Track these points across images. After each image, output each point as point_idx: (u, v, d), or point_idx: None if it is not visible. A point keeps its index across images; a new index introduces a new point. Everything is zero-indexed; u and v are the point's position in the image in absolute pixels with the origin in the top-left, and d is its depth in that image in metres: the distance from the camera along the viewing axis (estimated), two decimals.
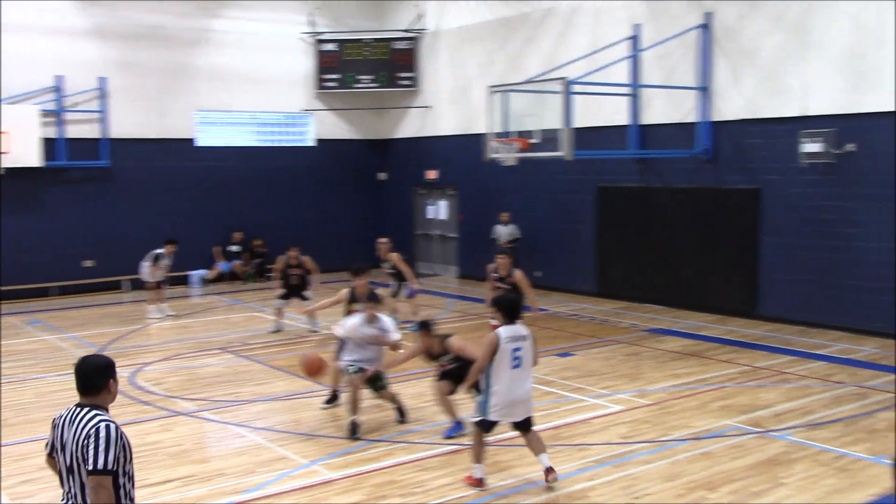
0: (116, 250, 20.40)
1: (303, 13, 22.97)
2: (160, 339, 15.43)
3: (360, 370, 9.75)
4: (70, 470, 4.61)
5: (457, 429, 9.45)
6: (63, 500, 4.69)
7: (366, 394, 10.00)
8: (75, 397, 4.81)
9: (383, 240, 16.13)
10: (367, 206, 24.45)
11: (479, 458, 8.03)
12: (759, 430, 9.43)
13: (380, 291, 15.54)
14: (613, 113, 18.00)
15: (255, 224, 22.53)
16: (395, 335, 9.94)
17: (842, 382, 11.49)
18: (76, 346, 14.70)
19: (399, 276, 15.83)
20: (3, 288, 19.31)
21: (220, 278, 22.10)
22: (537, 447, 8.07)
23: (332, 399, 10.66)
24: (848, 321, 14.58)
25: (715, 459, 8.58)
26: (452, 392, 9.45)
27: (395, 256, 15.69)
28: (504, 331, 7.80)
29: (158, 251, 17.26)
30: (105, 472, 4.46)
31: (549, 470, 7.91)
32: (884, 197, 14.03)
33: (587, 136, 17.50)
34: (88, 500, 4.51)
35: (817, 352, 13.33)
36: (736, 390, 11.15)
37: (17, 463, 8.80)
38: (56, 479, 4.79)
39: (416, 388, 11.54)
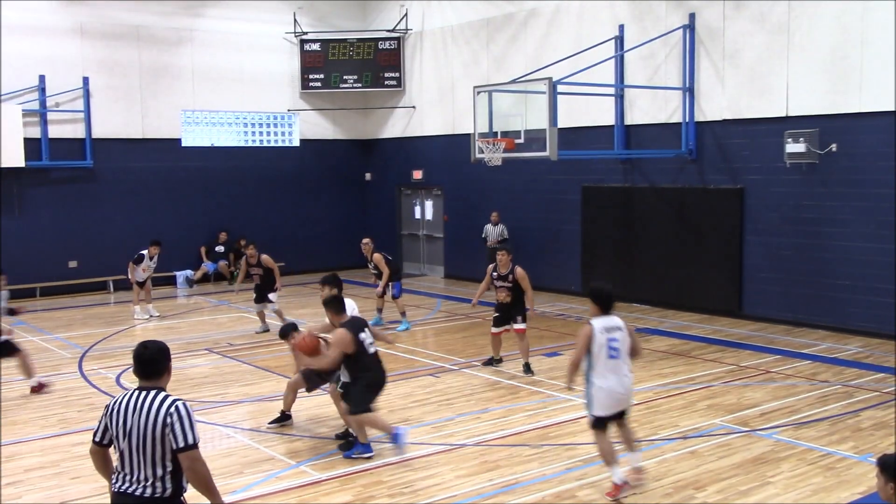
0: (101, 251, 20.30)
1: (287, 13, 22.91)
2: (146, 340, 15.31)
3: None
4: (141, 452, 4.76)
5: (361, 449, 8.87)
6: (122, 484, 4.82)
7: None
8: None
9: (366, 240, 16.09)
10: (353, 206, 24.43)
11: (611, 459, 7.67)
12: (746, 429, 9.48)
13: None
14: (598, 113, 18.05)
15: (241, 224, 22.47)
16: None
17: (827, 381, 11.57)
18: (61, 346, 14.62)
19: (383, 278, 15.76)
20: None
21: (205, 279, 22.02)
22: (630, 443, 7.97)
23: (282, 419, 10.04)
24: (832, 320, 14.68)
25: (702, 458, 8.62)
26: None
27: (377, 257, 15.66)
28: (598, 322, 7.67)
29: (142, 252, 17.18)
30: (196, 446, 4.77)
31: (637, 470, 7.83)
32: (866, 196, 14.14)
33: (572, 136, 17.57)
34: (188, 476, 4.78)
35: (803, 351, 13.42)
36: (722, 389, 11.21)
37: (3, 465, 8.73)
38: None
39: (404, 389, 11.54)
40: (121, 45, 20.75)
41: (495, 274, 12.28)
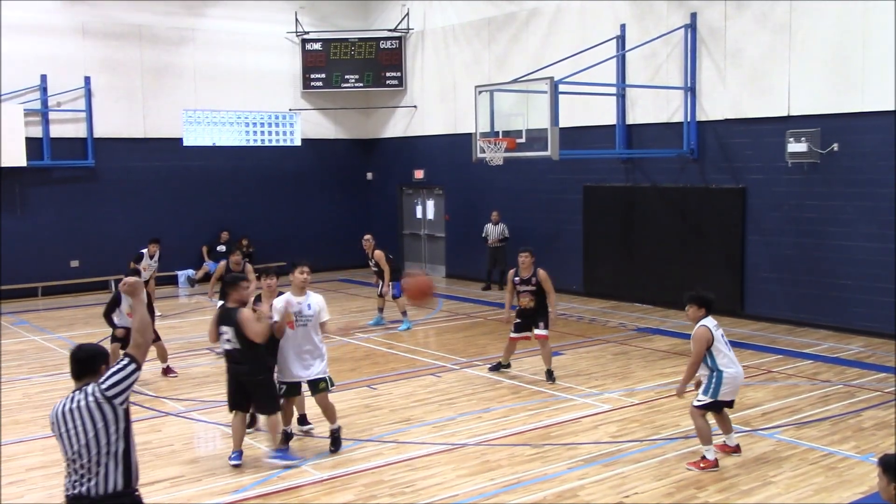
0: (102, 250, 20.29)
1: (288, 12, 22.91)
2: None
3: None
4: (84, 445, 4.78)
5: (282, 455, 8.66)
6: (74, 489, 4.85)
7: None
8: (62, 397, 4.84)
9: (367, 236, 16.03)
10: (354, 206, 24.42)
11: (709, 439, 8.32)
12: (748, 429, 9.47)
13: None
14: (600, 113, 18.04)
15: (242, 223, 22.45)
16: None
17: (829, 381, 11.56)
18: (64, 346, 14.61)
19: (384, 275, 15.73)
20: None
21: (207, 278, 21.98)
22: (728, 426, 8.63)
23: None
24: (834, 320, 14.67)
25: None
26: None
27: (378, 254, 15.62)
28: (709, 321, 8.38)
29: (141, 251, 17.15)
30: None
31: (737, 447, 8.61)
32: (868, 196, 14.13)
33: (574, 136, 17.55)
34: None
35: (804, 350, 13.41)
36: None
37: (4, 464, 8.74)
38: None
39: (405, 388, 11.55)
40: (122, 45, 20.75)
41: (517, 279, 11.74)
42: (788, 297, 15.34)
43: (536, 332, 11.75)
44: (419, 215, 23.66)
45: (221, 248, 22.02)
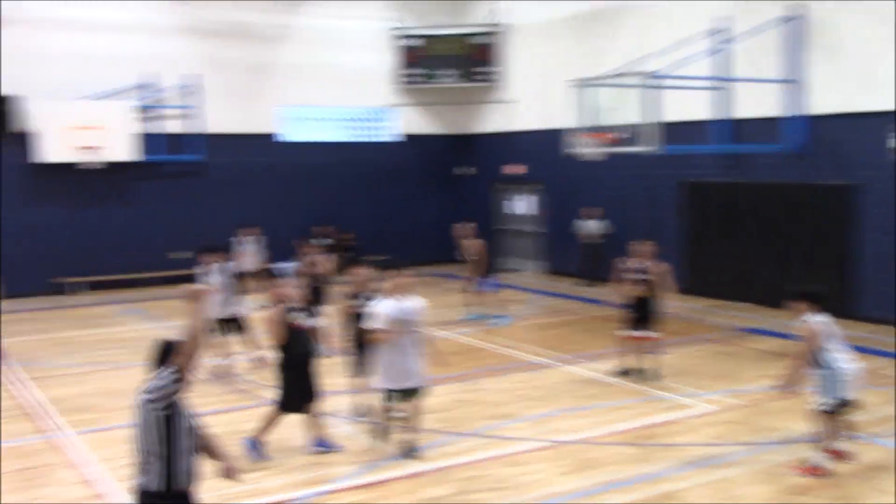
0: (208, 242, 20.76)
1: (386, 9, 23.11)
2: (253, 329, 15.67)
3: None
4: (136, 440, 5.14)
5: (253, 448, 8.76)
6: (135, 477, 5.20)
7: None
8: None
9: (465, 225, 15.99)
10: (449, 202, 24.45)
11: (832, 445, 8.08)
12: (861, 434, 9.11)
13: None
14: (699, 107, 17.63)
15: (339, 218, 22.71)
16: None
17: None
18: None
19: (478, 268, 15.67)
20: (100, 278, 19.95)
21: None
22: (839, 430, 8.25)
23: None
24: None
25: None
26: None
27: (477, 243, 15.59)
28: (820, 317, 8.08)
29: (238, 239, 17.26)
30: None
31: (845, 453, 8.22)
32: None
33: (672, 131, 17.13)
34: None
35: None
36: None
37: (121, 446, 9.02)
38: None
39: (504, 384, 11.53)
40: (227, 43, 21.29)
41: (632, 266, 11.70)
42: None
43: (643, 333, 11.66)
44: (515, 211, 23.59)
45: (323, 242, 22.20)
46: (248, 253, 17.72)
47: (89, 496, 7.89)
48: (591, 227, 19.56)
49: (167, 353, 5.16)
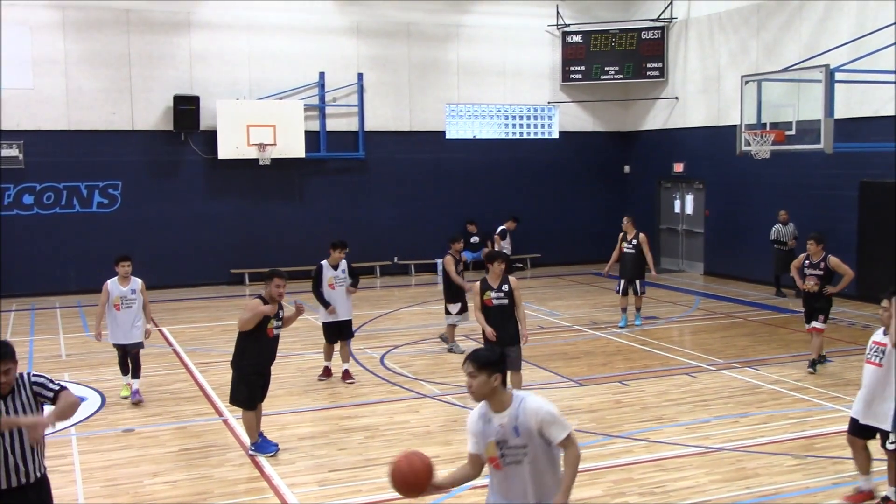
0: (369, 237, 21.46)
1: (550, 6, 23.05)
2: (408, 323, 16.11)
3: None
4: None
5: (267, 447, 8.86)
6: None
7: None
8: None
9: (628, 217, 15.51)
10: (611, 200, 24.11)
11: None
12: None
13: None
14: (881, 102, 16.65)
15: (499, 215, 22.80)
16: None
17: None
18: None
19: (637, 266, 15.27)
20: (267, 270, 20.88)
21: (465, 268, 22.61)
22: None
23: None
24: None
25: None
26: None
27: (643, 237, 15.19)
28: None
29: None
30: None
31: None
32: None
33: (850, 128, 16.34)
34: None
35: None
36: None
37: (279, 432, 9.52)
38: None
39: (658, 387, 11.32)
40: (392, 42, 21.85)
41: (807, 262, 12.01)
42: None
43: (814, 324, 11.94)
44: (677, 210, 23.03)
45: (475, 238, 22.46)
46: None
47: (251, 478, 8.32)
48: (784, 231, 18.05)
49: None
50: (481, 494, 6.01)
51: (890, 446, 7.03)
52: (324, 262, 11.94)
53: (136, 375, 10.91)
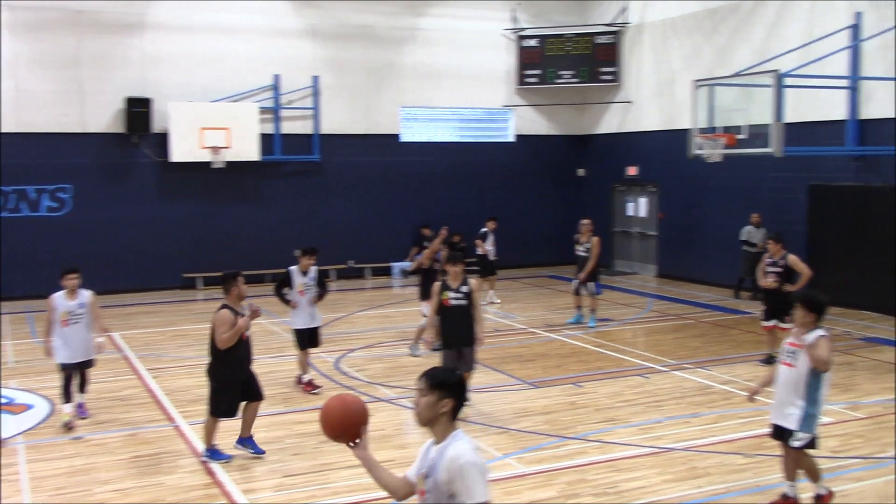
0: (324, 240, 21.30)
1: (506, 10, 23.16)
2: (363, 327, 16.06)
3: None
4: None
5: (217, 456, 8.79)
6: None
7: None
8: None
9: (586, 221, 15.84)
10: (565, 203, 24.28)
11: (818, 475, 7.43)
12: None
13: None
14: (829, 107, 16.98)
15: (455, 219, 22.79)
16: None
17: None
18: (287, 330, 15.52)
19: (588, 263, 15.48)
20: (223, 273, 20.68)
21: (418, 272, 22.60)
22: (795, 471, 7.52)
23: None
24: None
25: None
26: None
27: (595, 240, 15.41)
28: (826, 331, 7.26)
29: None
30: None
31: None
32: None
33: (800, 132, 16.62)
34: None
35: None
36: None
37: (233, 437, 9.38)
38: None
39: (612, 388, 11.40)
40: (348, 45, 21.78)
41: (768, 260, 12.46)
42: None
43: (781, 325, 12.15)
44: (631, 212, 23.25)
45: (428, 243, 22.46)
46: None
47: (204, 484, 8.22)
48: (754, 233, 17.99)
49: None
50: None
51: (795, 444, 7.19)
52: (293, 269, 11.76)
53: (82, 390, 10.39)
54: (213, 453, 8.75)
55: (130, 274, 19.83)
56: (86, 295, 10.20)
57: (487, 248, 18.44)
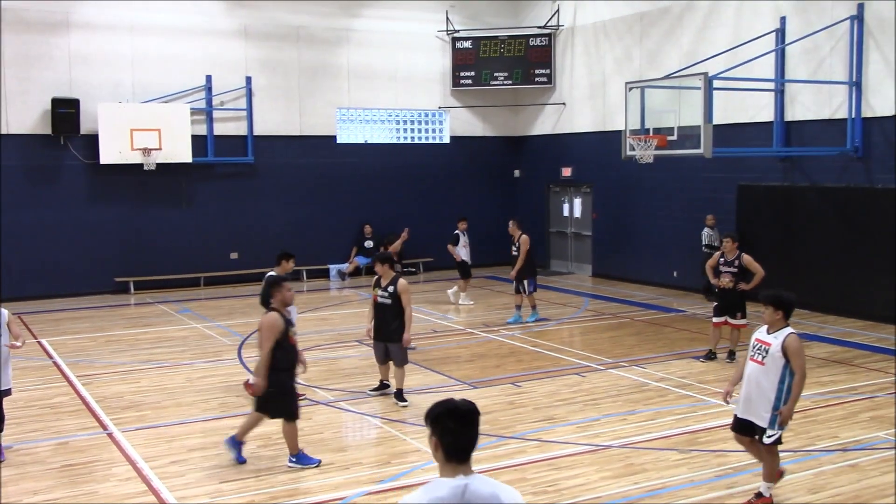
0: (260, 243, 21.12)
1: (439, 11, 23.20)
2: (300, 329, 15.84)
3: None
4: None
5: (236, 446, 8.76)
6: None
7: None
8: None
9: (512, 221, 16.23)
10: (501, 203, 24.41)
11: (775, 477, 7.49)
12: None
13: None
14: (756, 109, 17.41)
15: (391, 220, 22.83)
16: None
17: None
18: (223, 334, 15.34)
19: (523, 267, 15.74)
20: (157, 277, 20.36)
21: (357, 272, 22.58)
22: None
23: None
24: None
25: (863, 473, 8.19)
26: None
27: (524, 239, 15.69)
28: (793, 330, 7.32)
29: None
30: None
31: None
32: None
33: (728, 133, 17.01)
34: None
35: None
36: (888, 401, 10.59)
37: (168, 444, 9.27)
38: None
39: (549, 387, 11.50)
40: (281, 46, 21.58)
41: (722, 259, 12.71)
42: None
43: (732, 321, 12.66)
44: (566, 213, 23.49)
45: (369, 243, 22.47)
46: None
47: (138, 492, 8.06)
48: (711, 235, 17.95)
49: None
50: None
51: (767, 440, 7.30)
52: (272, 273, 11.55)
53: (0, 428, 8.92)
54: (301, 457, 8.60)
55: (60, 279, 19.35)
56: (3, 315, 8.76)
57: (461, 249, 18.26)
